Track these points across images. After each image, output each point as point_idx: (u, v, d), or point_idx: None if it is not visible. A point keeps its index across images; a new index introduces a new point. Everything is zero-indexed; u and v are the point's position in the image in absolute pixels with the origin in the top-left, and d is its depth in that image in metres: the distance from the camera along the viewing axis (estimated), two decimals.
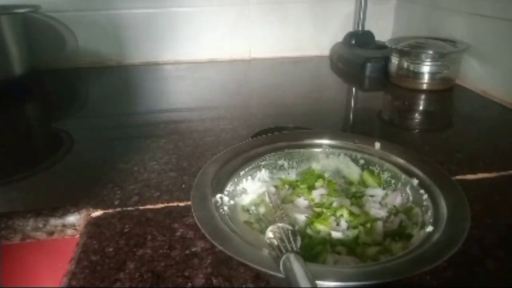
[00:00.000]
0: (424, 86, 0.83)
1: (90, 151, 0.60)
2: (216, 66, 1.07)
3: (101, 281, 0.36)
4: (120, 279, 0.36)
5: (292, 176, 0.50)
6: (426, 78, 0.83)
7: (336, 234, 0.39)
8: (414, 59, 0.83)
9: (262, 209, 0.43)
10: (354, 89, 0.95)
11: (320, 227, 0.40)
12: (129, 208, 0.46)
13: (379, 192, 0.46)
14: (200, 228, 0.35)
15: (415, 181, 0.43)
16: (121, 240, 0.41)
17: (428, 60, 0.81)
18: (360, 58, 0.96)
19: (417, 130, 0.71)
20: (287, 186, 0.47)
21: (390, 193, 0.45)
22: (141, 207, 0.46)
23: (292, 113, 0.75)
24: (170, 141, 0.62)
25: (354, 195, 0.45)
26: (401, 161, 0.46)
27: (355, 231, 0.40)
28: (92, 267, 0.37)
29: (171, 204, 0.46)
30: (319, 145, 0.50)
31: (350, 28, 1.10)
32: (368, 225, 0.41)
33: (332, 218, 0.41)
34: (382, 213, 0.42)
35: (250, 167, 0.47)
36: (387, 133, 0.69)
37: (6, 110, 0.80)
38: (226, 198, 0.41)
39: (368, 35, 1.06)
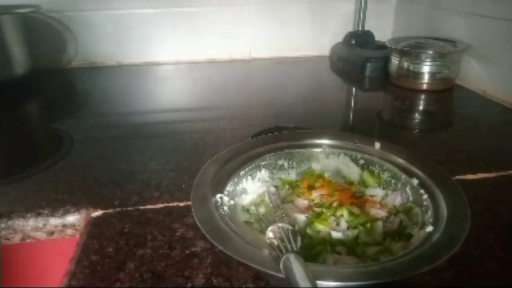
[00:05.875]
0: (424, 86, 0.83)
1: (90, 151, 0.60)
2: (216, 66, 1.07)
3: (101, 281, 0.36)
4: (120, 279, 0.36)
5: (292, 176, 0.50)
6: (426, 78, 0.83)
7: (336, 234, 0.39)
8: (414, 59, 0.83)
9: (262, 209, 0.43)
10: (354, 89, 0.95)
11: (320, 227, 0.40)
12: (129, 208, 0.46)
13: (379, 192, 0.46)
14: (200, 228, 0.35)
15: (415, 181, 0.43)
16: (121, 240, 0.41)
17: (428, 60, 0.81)
18: (360, 58, 0.96)
19: (417, 130, 0.71)
20: (287, 186, 0.47)
21: (390, 193, 0.45)
22: (141, 207, 0.46)
23: (292, 113, 0.75)
24: (170, 141, 0.62)
25: (354, 195, 0.45)
26: (401, 161, 0.46)
27: (355, 231, 0.40)
28: (92, 267, 0.37)
29: (171, 204, 0.46)
30: (319, 145, 0.50)
31: (350, 28, 1.10)
32: (368, 225, 0.41)
33: (332, 218, 0.41)
34: (382, 213, 0.42)
35: (250, 167, 0.47)
36: (387, 133, 0.69)
37: (6, 110, 0.80)
38: (226, 198, 0.41)
39: (368, 35, 1.06)
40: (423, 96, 0.83)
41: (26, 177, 0.53)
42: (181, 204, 0.46)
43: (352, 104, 0.86)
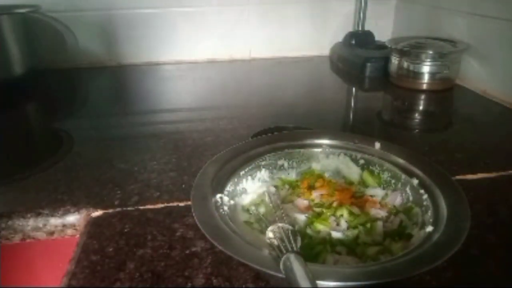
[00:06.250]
0: (424, 86, 0.83)
1: (90, 151, 0.60)
2: (216, 66, 1.08)
3: (101, 281, 0.36)
4: (120, 279, 0.36)
5: (292, 176, 0.50)
6: (426, 78, 0.83)
7: (336, 234, 0.39)
8: (414, 59, 0.83)
9: (262, 209, 0.43)
10: (354, 89, 0.95)
11: (320, 227, 0.40)
12: (129, 208, 0.46)
13: (379, 192, 0.46)
14: (200, 228, 0.35)
15: (415, 181, 0.43)
16: (121, 240, 0.41)
17: (428, 60, 0.81)
18: (360, 58, 0.96)
19: (417, 130, 0.71)
20: (287, 186, 0.47)
21: (390, 193, 0.45)
22: (141, 207, 0.46)
23: (292, 113, 0.75)
24: (170, 141, 0.62)
25: (354, 195, 0.45)
26: (401, 161, 0.46)
27: (355, 231, 0.40)
28: (92, 267, 0.37)
29: (171, 204, 0.46)
30: (319, 145, 0.50)
31: (350, 28, 1.10)
32: (368, 225, 0.41)
33: (332, 218, 0.41)
34: (382, 213, 0.42)
35: (250, 167, 0.47)
36: (387, 133, 0.69)
37: (6, 110, 0.80)
38: (226, 198, 0.41)
39: (368, 35, 1.06)
40: (423, 96, 0.83)
41: (26, 177, 0.53)
42: (181, 204, 0.46)
43: (352, 104, 0.86)
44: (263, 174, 0.48)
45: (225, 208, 0.40)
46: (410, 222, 0.41)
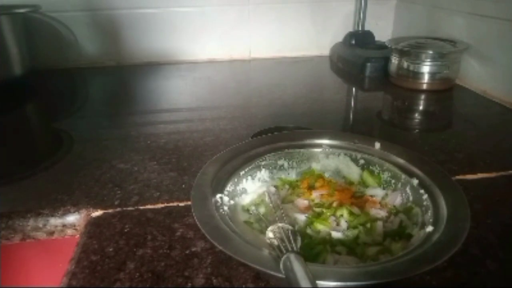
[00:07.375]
0: (424, 86, 0.83)
1: (90, 151, 0.60)
2: (216, 66, 1.08)
3: (101, 281, 0.36)
4: (120, 279, 0.36)
5: (292, 176, 0.50)
6: (426, 78, 0.83)
7: (336, 234, 0.39)
8: (414, 59, 0.83)
9: (262, 209, 0.43)
10: (354, 89, 0.95)
11: (320, 227, 0.40)
12: (129, 208, 0.46)
13: (379, 192, 0.46)
14: (200, 228, 0.35)
15: (415, 181, 0.43)
16: (121, 240, 0.41)
17: (428, 60, 0.81)
18: (360, 58, 0.96)
19: (417, 130, 0.71)
20: (287, 186, 0.47)
21: (390, 193, 0.45)
22: (141, 207, 0.46)
23: (292, 113, 0.75)
24: (170, 141, 0.62)
25: (354, 195, 0.45)
26: (401, 161, 0.46)
27: (355, 231, 0.40)
28: (92, 267, 0.37)
29: (171, 204, 0.46)
30: (319, 145, 0.50)
31: (350, 28, 1.10)
32: (368, 225, 0.41)
33: (332, 218, 0.41)
34: (382, 213, 0.42)
35: (250, 167, 0.47)
36: (387, 133, 0.69)
37: (6, 110, 0.80)
38: (226, 198, 0.41)
39: (368, 35, 1.07)
40: (423, 96, 0.83)
41: (26, 177, 0.53)
42: (181, 204, 0.46)
43: (352, 104, 0.86)
44: (263, 174, 0.48)
45: (225, 208, 0.40)
46: (410, 222, 0.41)
